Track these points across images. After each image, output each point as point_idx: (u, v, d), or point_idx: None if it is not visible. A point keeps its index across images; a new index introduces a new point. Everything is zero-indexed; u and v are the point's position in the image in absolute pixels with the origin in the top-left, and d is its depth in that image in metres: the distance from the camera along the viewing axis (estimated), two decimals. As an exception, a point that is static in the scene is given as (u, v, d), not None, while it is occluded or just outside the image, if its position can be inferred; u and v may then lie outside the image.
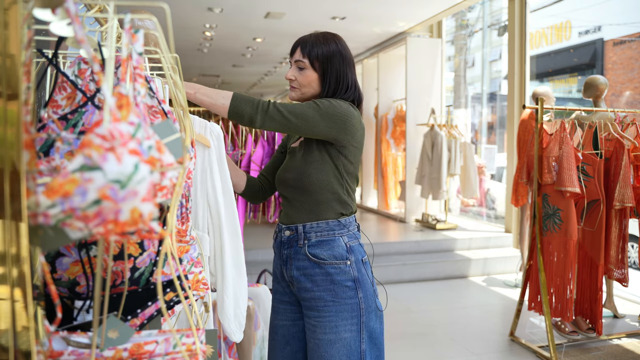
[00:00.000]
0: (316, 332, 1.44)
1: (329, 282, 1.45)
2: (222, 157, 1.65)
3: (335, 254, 1.46)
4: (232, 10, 5.35)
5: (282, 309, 1.57)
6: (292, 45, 1.60)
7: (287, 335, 1.55)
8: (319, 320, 1.45)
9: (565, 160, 2.77)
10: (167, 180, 0.61)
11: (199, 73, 10.03)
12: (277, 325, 1.57)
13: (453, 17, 8.52)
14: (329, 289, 1.45)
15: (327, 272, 1.45)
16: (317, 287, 1.45)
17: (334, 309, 1.44)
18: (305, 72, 1.53)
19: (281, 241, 1.54)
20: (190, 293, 0.72)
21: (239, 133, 3.45)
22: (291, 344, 1.54)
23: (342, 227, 1.49)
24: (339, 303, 1.44)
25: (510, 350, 3.05)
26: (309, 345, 1.48)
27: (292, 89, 1.57)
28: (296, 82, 1.55)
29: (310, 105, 1.44)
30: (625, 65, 8.87)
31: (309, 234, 1.47)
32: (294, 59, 1.55)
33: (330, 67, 1.52)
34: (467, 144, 5.62)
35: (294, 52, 1.56)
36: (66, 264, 0.87)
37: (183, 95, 0.97)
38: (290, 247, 1.51)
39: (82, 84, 0.91)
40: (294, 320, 1.55)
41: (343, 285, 1.44)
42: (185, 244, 1.14)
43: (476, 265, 4.84)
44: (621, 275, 3.06)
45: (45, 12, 0.67)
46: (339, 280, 1.44)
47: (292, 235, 1.50)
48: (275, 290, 1.60)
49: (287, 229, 1.51)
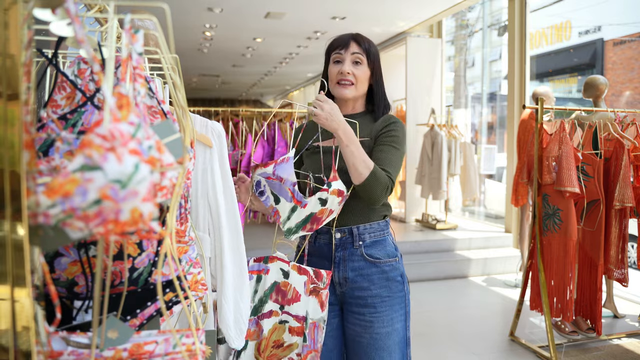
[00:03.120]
0: (373, 327, 1.50)
1: (385, 280, 1.51)
2: (224, 156, 1.64)
3: (388, 252, 1.54)
4: (232, 10, 5.34)
5: None
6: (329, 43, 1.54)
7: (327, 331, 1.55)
8: (375, 316, 1.50)
9: (565, 160, 2.77)
10: (166, 180, 0.61)
11: (199, 73, 10.03)
12: None
13: (453, 17, 8.52)
14: (385, 285, 1.51)
15: (383, 270, 1.51)
16: (374, 285, 1.51)
17: (389, 303, 1.51)
18: (362, 68, 1.50)
19: (329, 244, 1.52)
20: (190, 293, 0.72)
21: (239, 133, 3.46)
22: (327, 343, 1.55)
23: (387, 227, 1.56)
24: (393, 297, 1.52)
25: (510, 350, 3.05)
26: (361, 340, 1.51)
27: (347, 86, 1.50)
28: (353, 77, 1.50)
29: (397, 151, 1.47)
30: (625, 65, 8.87)
31: (362, 235, 1.51)
32: (350, 52, 1.48)
33: (377, 68, 1.55)
34: (467, 144, 5.62)
35: (346, 45, 1.48)
36: (65, 264, 0.87)
37: (183, 95, 0.97)
38: (344, 249, 1.51)
39: (82, 84, 0.91)
40: (329, 319, 1.55)
41: (395, 280, 1.53)
42: (184, 245, 1.14)
43: (476, 265, 4.84)
44: (621, 275, 3.06)
45: (45, 12, 0.67)
46: (392, 277, 1.52)
47: (345, 237, 1.51)
48: None
49: (338, 231, 1.51)
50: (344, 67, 1.48)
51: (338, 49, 1.50)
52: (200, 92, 13.64)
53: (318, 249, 1.55)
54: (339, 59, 1.50)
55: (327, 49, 1.55)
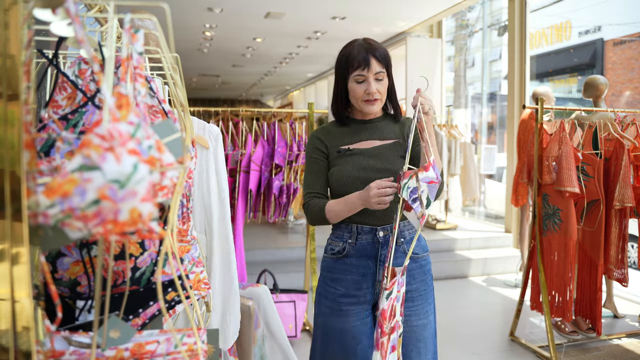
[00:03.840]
0: (411, 320, 1.55)
1: (422, 274, 1.59)
2: (219, 158, 1.64)
3: (423, 247, 1.61)
4: (232, 10, 5.34)
5: (353, 311, 1.54)
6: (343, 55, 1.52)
7: (358, 335, 1.54)
8: (413, 309, 1.56)
9: (565, 160, 2.77)
10: (167, 180, 0.61)
11: (199, 73, 10.03)
12: (347, 329, 1.54)
13: (453, 17, 8.51)
14: (422, 279, 1.58)
15: (421, 265, 1.59)
16: (414, 279, 1.57)
17: (425, 296, 1.58)
18: (384, 82, 1.53)
19: (372, 242, 1.54)
20: (192, 293, 0.72)
21: (239, 133, 3.45)
22: (362, 342, 1.55)
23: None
24: (427, 290, 1.59)
25: (510, 350, 3.05)
26: None
27: (375, 102, 1.53)
28: (378, 94, 1.52)
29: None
30: (625, 65, 8.87)
31: (403, 232, 1.56)
32: (373, 72, 1.49)
33: (391, 74, 1.56)
34: (467, 144, 5.62)
35: (367, 64, 1.48)
36: (67, 264, 0.87)
37: (183, 94, 0.97)
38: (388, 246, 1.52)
39: (83, 84, 0.91)
40: (363, 319, 1.56)
41: (429, 274, 1.61)
42: (186, 244, 1.14)
43: (476, 265, 4.84)
44: (621, 275, 3.06)
45: (46, 12, 0.67)
46: (427, 270, 1.60)
47: (388, 235, 1.54)
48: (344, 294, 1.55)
49: (381, 229, 1.53)
50: (370, 88, 1.49)
51: (359, 69, 1.49)
52: (200, 92, 13.64)
53: (360, 248, 1.55)
54: (362, 80, 1.50)
55: (342, 64, 1.53)
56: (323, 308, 1.59)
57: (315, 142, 1.61)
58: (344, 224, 1.56)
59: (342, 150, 1.57)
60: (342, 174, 1.53)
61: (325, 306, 1.58)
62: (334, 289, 1.56)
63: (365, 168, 1.52)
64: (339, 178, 1.54)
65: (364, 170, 1.52)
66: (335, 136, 1.61)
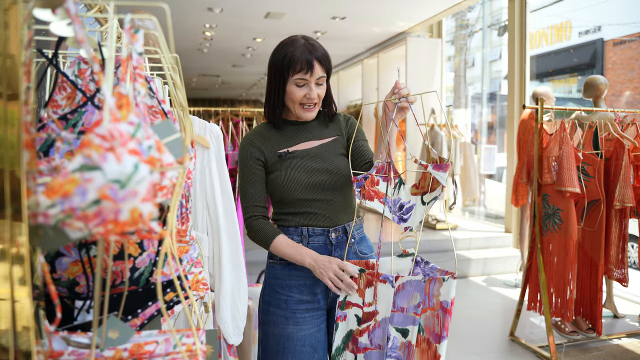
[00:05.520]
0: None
1: None
2: (221, 157, 1.64)
3: (371, 247, 1.60)
4: (232, 10, 5.35)
5: (309, 317, 1.50)
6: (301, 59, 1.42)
7: (315, 342, 1.50)
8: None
9: (565, 160, 2.77)
10: (167, 180, 0.61)
11: (199, 73, 10.03)
12: (304, 336, 1.49)
13: (453, 17, 8.51)
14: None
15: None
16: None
17: None
18: (323, 87, 1.49)
19: (324, 244, 1.50)
20: (191, 293, 0.72)
21: (239, 133, 3.45)
22: (318, 351, 1.50)
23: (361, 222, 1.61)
24: None
25: (510, 350, 3.05)
26: None
27: (313, 109, 1.48)
28: (317, 99, 1.48)
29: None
30: (625, 65, 8.87)
31: (353, 232, 1.53)
32: (315, 77, 1.43)
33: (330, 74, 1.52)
34: (467, 144, 5.62)
35: (311, 69, 1.42)
36: (66, 264, 0.87)
37: (183, 95, 0.97)
38: (341, 248, 1.51)
39: (82, 84, 0.91)
40: (319, 325, 1.52)
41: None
42: (185, 244, 1.14)
43: (476, 265, 4.84)
44: (621, 275, 3.06)
45: (45, 12, 0.67)
46: None
47: (340, 236, 1.52)
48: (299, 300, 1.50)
49: (333, 231, 1.50)
50: (311, 93, 1.44)
51: (301, 72, 1.41)
52: (200, 92, 13.64)
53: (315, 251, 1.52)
54: (303, 84, 1.44)
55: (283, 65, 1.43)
56: (274, 317, 1.51)
57: (251, 150, 1.51)
58: (292, 226, 1.49)
59: (282, 154, 1.49)
60: (287, 178, 1.47)
61: (278, 315, 1.50)
62: (286, 296, 1.49)
63: (311, 171, 1.47)
64: (284, 183, 1.47)
65: (310, 174, 1.47)
66: (271, 140, 1.52)
